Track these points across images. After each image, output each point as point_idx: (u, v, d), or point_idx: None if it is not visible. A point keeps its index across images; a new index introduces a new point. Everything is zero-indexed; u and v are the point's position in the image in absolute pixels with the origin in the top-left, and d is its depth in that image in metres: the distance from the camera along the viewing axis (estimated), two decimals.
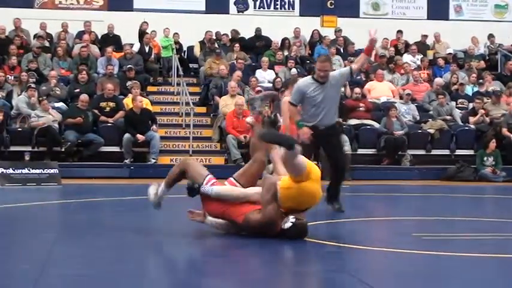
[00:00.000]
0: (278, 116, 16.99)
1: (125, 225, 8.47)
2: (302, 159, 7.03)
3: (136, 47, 20.36)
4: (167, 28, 21.28)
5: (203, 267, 6.13)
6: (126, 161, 16.33)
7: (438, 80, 19.60)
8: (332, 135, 9.52)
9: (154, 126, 16.62)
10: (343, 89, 18.92)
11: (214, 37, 21.60)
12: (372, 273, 5.86)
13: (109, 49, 19.44)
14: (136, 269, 5.87)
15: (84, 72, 18.03)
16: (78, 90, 17.48)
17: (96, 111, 16.83)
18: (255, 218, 7.08)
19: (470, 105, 18.83)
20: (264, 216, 7.04)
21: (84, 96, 16.64)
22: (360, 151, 17.03)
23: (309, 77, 9.79)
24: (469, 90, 19.82)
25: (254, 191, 7.30)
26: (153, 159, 16.40)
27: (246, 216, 7.12)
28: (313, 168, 7.13)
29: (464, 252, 6.70)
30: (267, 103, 17.21)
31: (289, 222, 7.03)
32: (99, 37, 21.43)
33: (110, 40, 21.05)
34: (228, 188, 7.42)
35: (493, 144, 16.79)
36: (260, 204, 7.13)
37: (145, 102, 17.16)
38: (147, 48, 20.49)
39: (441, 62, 21.32)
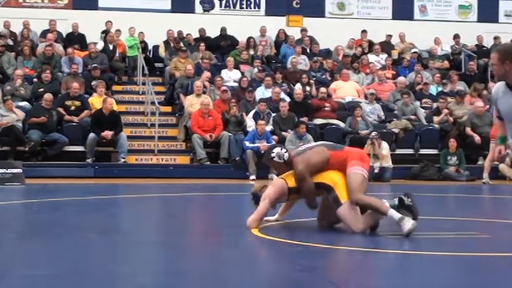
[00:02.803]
0: (244, 116, 17.13)
1: (89, 225, 8.43)
2: None
3: (100, 45, 20.27)
4: (132, 27, 21.21)
5: (168, 267, 6.12)
6: (88, 160, 16.23)
7: (401, 79, 19.73)
8: None
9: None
10: (308, 88, 19.05)
11: (176, 36, 21.56)
12: (338, 272, 5.89)
13: (69, 50, 19.29)
14: (103, 268, 5.84)
15: (48, 71, 17.90)
16: (42, 89, 17.36)
17: (61, 110, 16.72)
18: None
19: (435, 105, 18.97)
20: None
21: (48, 96, 16.52)
22: None
23: None
24: (433, 90, 19.98)
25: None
26: (122, 158, 16.32)
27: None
28: None
29: (427, 251, 6.76)
30: (234, 103, 17.24)
31: None
32: (64, 36, 21.29)
33: (75, 39, 20.92)
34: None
35: (453, 143, 16.91)
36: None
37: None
38: (111, 47, 20.41)
39: (406, 61, 21.50)
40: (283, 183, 7.84)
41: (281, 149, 7.93)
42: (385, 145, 16.49)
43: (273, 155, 7.90)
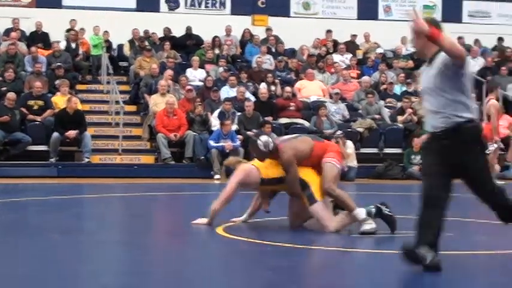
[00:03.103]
0: (209, 115, 17.11)
1: (52, 224, 8.37)
2: None
3: (63, 44, 20.13)
4: (97, 26, 21.08)
5: (131, 266, 6.08)
6: (51, 160, 16.09)
7: (366, 79, 19.86)
8: (457, 145, 5.59)
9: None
10: (273, 87, 19.05)
11: (142, 35, 21.49)
12: (304, 272, 5.90)
13: (33, 48, 19.12)
14: (66, 268, 5.79)
15: (11, 70, 17.74)
16: (5, 88, 17.19)
17: (24, 109, 16.57)
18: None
19: (399, 104, 19.09)
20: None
21: (11, 95, 16.36)
22: None
23: None
24: (397, 89, 20.10)
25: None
26: (87, 158, 16.21)
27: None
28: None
29: (392, 250, 6.79)
30: (199, 102, 17.20)
31: None
32: (28, 34, 21.12)
33: (39, 38, 20.75)
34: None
35: (417, 142, 16.99)
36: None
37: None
38: (73, 45, 20.27)
39: (371, 61, 21.62)
40: (253, 169, 7.85)
41: (268, 138, 7.89)
42: (350, 144, 16.56)
43: (259, 142, 7.82)
